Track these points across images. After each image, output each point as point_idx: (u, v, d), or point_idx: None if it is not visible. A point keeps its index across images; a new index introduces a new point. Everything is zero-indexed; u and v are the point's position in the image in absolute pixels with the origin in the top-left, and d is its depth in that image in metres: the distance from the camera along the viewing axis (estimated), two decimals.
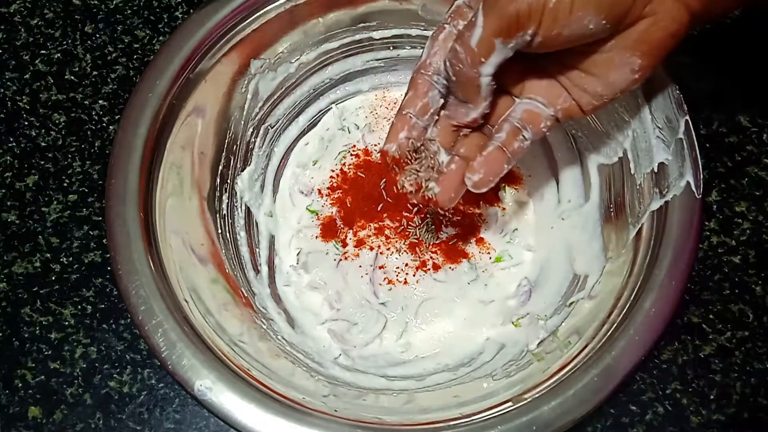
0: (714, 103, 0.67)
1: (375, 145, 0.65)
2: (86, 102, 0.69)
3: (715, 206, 0.64)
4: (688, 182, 0.47)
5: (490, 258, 0.61)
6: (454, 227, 0.61)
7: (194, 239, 0.53)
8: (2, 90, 0.70)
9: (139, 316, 0.45)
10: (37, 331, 0.61)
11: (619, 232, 0.54)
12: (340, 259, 0.61)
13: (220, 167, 0.59)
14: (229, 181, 0.60)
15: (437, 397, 0.51)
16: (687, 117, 0.49)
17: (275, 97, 0.63)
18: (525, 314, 0.57)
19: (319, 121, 0.67)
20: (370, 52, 0.65)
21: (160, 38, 0.72)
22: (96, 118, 0.68)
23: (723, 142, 0.66)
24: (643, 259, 0.48)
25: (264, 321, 0.55)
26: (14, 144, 0.67)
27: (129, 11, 0.73)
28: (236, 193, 0.61)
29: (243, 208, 0.61)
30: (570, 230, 0.60)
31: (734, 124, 0.67)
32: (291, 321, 0.59)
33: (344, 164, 0.64)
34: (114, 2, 0.73)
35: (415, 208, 0.61)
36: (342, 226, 0.62)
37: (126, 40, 0.72)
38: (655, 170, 0.49)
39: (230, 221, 0.59)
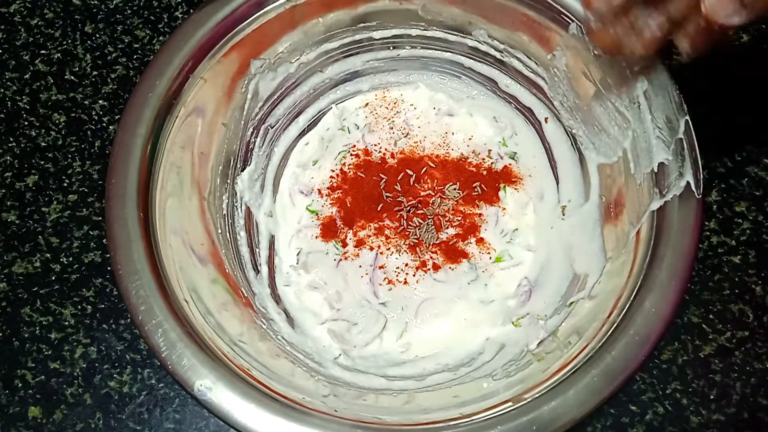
0: (714, 103, 0.67)
1: (375, 144, 0.65)
2: (86, 102, 0.69)
3: (715, 206, 0.64)
4: (688, 182, 0.47)
5: (490, 258, 0.60)
6: (454, 227, 0.61)
7: (194, 239, 0.53)
8: (2, 90, 0.70)
9: (139, 316, 0.45)
10: (37, 331, 0.61)
11: (619, 232, 0.54)
12: (340, 259, 0.61)
13: (220, 167, 0.59)
14: (229, 181, 0.60)
15: (437, 397, 0.51)
16: (687, 117, 0.49)
17: (275, 97, 0.63)
18: (525, 314, 0.57)
19: (319, 121, 0.66)
20: (370, 52, 0.65)
21: (160, 38, 0.72)
22: (96, 118, 0.68)
23: (723, 142, 0.66)
24: (643, 259, 0.48)
25: (264, 321, 0.55)
26: (14, 144, 0.67)
27: (129, 11, 0.73)
28: (236, 193, 0.61)
29: (243, 208, 0.61)
30: (570, 230, 0.60)
31: (734, 124, 0.67)
32: (291, 321, 0.59)
33: (344, 164, 0.64)
34: (114, 2, 0.73)
35: (413, 209, 0.61)
36: (342, 226, 0.62)
37: (126, 40, 0.72)
38: (655, 170, 0.49)
39: (230, 221, 0.59)
